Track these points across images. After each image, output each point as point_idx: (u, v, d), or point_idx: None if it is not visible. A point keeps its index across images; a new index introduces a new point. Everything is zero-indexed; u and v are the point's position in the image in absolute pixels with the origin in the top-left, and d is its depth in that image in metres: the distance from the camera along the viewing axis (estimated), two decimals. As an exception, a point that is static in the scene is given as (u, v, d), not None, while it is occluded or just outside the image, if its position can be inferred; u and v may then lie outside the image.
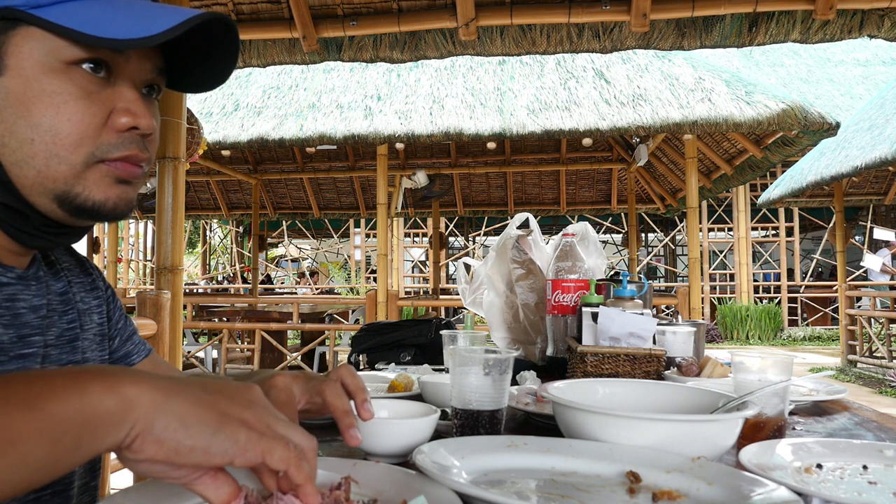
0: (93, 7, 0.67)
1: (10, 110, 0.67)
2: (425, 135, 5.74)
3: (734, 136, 5.93)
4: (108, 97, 0.70)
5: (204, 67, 0.79)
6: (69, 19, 0.65)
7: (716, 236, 14.55)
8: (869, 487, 0.77)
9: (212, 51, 0.77)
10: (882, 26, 2.58)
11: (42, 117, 0.66)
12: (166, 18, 0.65)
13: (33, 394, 0.46)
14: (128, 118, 0.71)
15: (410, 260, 16.11)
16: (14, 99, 0.66)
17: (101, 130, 0.70)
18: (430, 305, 8.50)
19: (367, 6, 2.88)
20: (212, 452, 0.49)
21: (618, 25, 2.77)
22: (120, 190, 0.72)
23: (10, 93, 0.66)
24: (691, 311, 5.65)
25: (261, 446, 0.51)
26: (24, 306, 0.75)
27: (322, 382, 0.75)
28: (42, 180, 0.68)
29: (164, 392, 0.50)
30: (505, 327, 1.88)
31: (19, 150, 0.67)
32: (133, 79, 0.72)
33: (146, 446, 0.49)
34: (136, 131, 0.72)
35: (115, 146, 0.70)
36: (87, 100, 0.68)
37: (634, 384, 1.11)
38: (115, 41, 0.63)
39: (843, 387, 1.44)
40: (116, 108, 0.71)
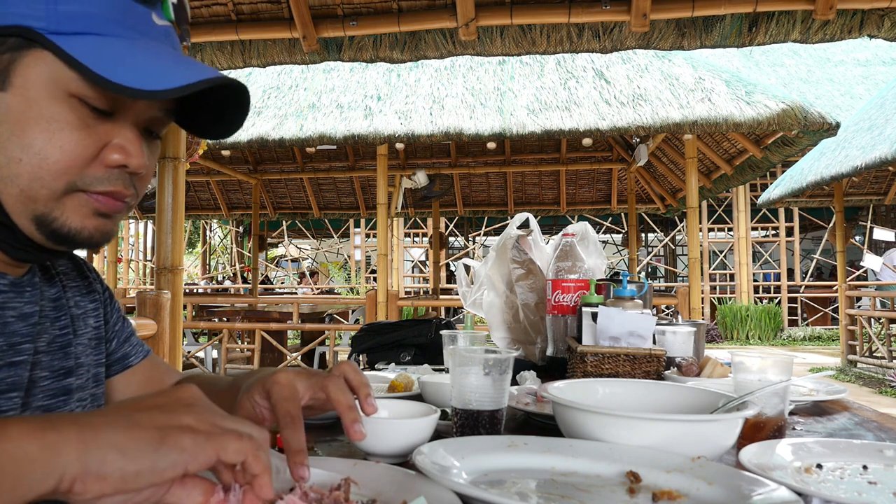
0: (111, 46, 0.67)
1: (6, 126, 0.67)
2: (425, 135, 5.74)
3: (734, 136, 5.93)
4: (106, 131, 0.70)
5: (212, 117, 0.79)
6: (85, 54, 0.65)
7: (716, 236, 14.55)
8: (869, 487, 0.77)
9: (222, 106, 0.77)
10: (882, 26, 2.58)
11: (34, 139, 0.66)
12: (181, 73, 0.65)
13: None
14: (120, 156, 0.71)
15: (410, 260, 16.10)
16: (12, 116, 0.66)
17: (90, 162, 0.69)
18: (430, 305, 8.50)
19: (367, 6, 2.88)
20: (160, 469, 0.48)
21: (618, 25, 2.76)
22: (98, 221, 0.72)
23: (9, 110, 0.67)
24: (691, 311, 5.65)
25: (211, 446, 0.50)
26: (12, 315, 0.75)
27: (325, 378, 0.75)
28: (24, 199, 0.68)
29: (92, 427, 0.48)
30: (505, 327, 1.88)
31: (6, 167, 0.67)
32: (137, 117, 0.72)
33: (88, 485, 0.47)
34: (126, 169, 0.72)
35: (99, 180, 0.70)
36: (82, 131, 0.68)
37: (634, 384, 1.11)
38: (124, 89, 0.63)
39: (843, 387, 1.44)
40: (111, 144, 0.70)
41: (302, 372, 0.78)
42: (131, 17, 0.70)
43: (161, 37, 0.74)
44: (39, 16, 0.65)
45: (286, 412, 0.68)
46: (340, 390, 0.73)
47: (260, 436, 0.54)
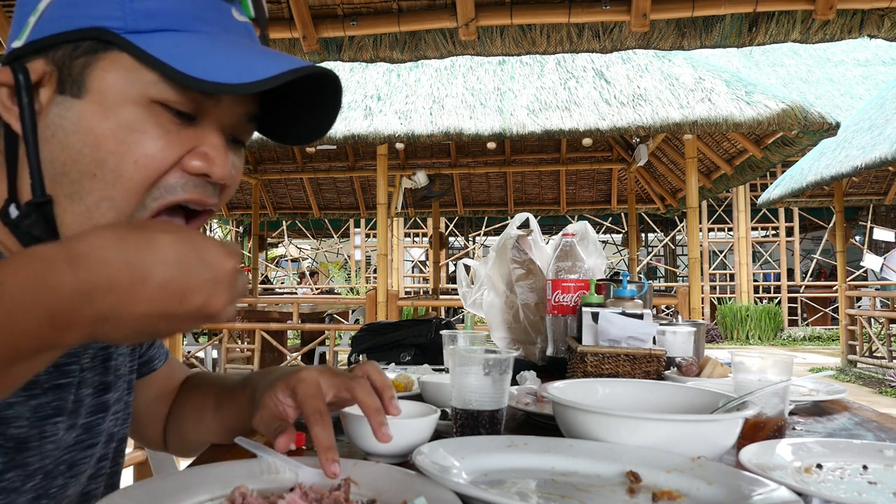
0: (192, 41, 0.62)
1: (78, 137, 0.62)
2: (425, 135, 5.73)
3: (734, 136, 5.93)
4: (189, 137, 0.65)
5: (300, 119, 0.73)
6: (164, 52, 0.60)
7: (716, 236, 14.55)
8: (869, 487, 0.77)
9: (310, 103, 0.71)
10: (882, 26, 2.58)
11: (109, 154, 0.61)
12: (268, 65, 0.60)
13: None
14: (203, 163, 0.65)
15: (410, 260, 16.10)
16: (86, 125, 0.61)
17: (169, 171, 0.64)
18: (430, 305, 8.50)
19: (367, 6, 2.88)
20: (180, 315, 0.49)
21: (618, 25, 2.76)
22: None
23: (83, 118, 0.62)
24: (691, 311, 5.65)
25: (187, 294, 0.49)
26: None
27: (351, 379, 0.75)
28: (85, 220, 0.63)
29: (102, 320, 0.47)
30: (505, 327, 1.88)
31: (78, 182, 0.62)
32: (221, 122, 0.67)
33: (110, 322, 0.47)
34: (208, 178, 0.66)
35: (176, 187, 0.65)
36: (162, 140, 0.63)
37: (634, 384, 1.11)
38: (208, 83, 0.58)
39: (843, 387, 1.44)
40: (194, 150, 0.65)
41: (325, 370, 0.78)
42: (211, 11, 0.66)
43: (242, 32, 0.69)
44: (115, 15, 0.61)
45: (315, 409, 0.68)
46: (367, 392, 0.73)
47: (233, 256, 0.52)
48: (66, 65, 0.62)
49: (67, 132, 0.62)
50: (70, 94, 0.62)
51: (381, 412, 0.72)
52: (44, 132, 0.63)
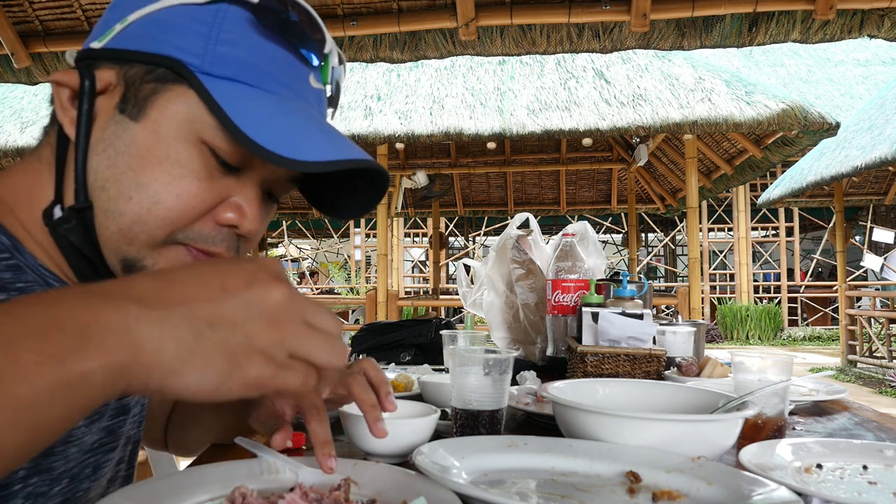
0: (260, 100, 0.62)
1: (126, 159, 0.62)
2: (425, 135, 5.74)
3: (734, 136, 5.93)
4: (227, 187, 0.66)
5: (341, 194, 0.74)
6: (230, 103, 0.60)
7: (716, 236, 14.56)
8: (869, 487, 0.77)
9: (354, 185, 0.72)
10: (882, 26, 2.58)
11: (152, 180, 0.62)
12: (323, 148, 0.60)
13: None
14: (235, 215, 0.66)
15: (410, 260, 16.11)
16: (136, 149, 0.62)
17: (202, 216, 0.65)
18: (430, 305, 8.50)
19: (367, 6, 2.88)
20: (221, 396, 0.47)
21: (618, 25, 2.76)
22: None
23: (135, 142, 0.62)
24: (691, 311, 5.65)
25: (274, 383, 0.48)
26: None
27: (347, 375, 0.75)
28: (119, 239, 0.64)
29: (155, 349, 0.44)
30: (505, 327, 1.88)
31: (113, 202, 0.63)
32: (262, 177, 0.68)
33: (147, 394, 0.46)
34: (236, 230, 0.67)
35: (204, 237, 0.65)
36: (205, 182, 0.64)
37: (634, 384, 1.11)
38: (261, 149, 0.57)
39: (843, 387, 1.44)
40: (229, 201, 0.66)
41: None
42: (289, 74, 0.66)
43: (312, 100, 0.70)
44: (196, 52, 0.62)
45: (311, 405, 0.68)
46: (363, 388, 0.73)
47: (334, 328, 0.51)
48: (135, 84, 0.63)
49: (118, 151, 0.63)
50: (129, 116, 0.63)
51: (376, 408, 0.72)
52: (96, 145, 0.64)
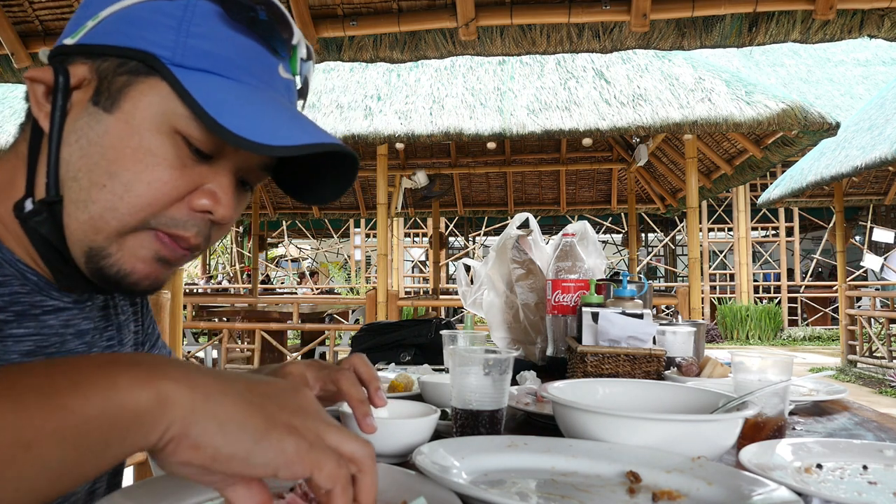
0: (231, 90, 0.64)
1: (98, 149, 0.64)
2: (425, 135, 5.73)
3: (734, 136, 5.93)
4: (201, 174, 0.67)
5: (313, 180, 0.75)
6: (202, 93, 0.62)
7: (716, 236, 14.55)
8: (869, 487, 0.77)
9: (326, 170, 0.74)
10: (882, 26, 2.58)
11: (125, 169, 0.63)
12: (293, 133, 0.62)
13: (54, 388, 0.40)
14: (209, 202, 0.67)
15: (410, 260, 16.10)
16: (109, 140, 0.63)
17: (175, 203, 0.66)
18: (430, 305, 8.50)
19: (367, 6, 2.88)
20: (253, 463, 0.45)
21: (618, 25, 2.76)
22: (154, 268, 0.68)
23: (108, 132, 0.64)
24: (691, 311, 5.65)
25: (309, 459, 0.46)
26: (71, 332, 0.74)
27: (336, 371, 0.76)
28: (87, 228, 0.65)
29: (204, 391, 0.45)
30: (505, 327, 1.88)
31: (85, 191, 0.64)
32: (235, 165, 0.69)
33: (181, 451, 0.44)
34: (209, 216, 0.68)
35: (176, 222, 0.66)
36: (178, 170, 0.65)
37: (634, 384, 1.11)
38: (233, 135, 0.59)
39: (843, 387, 1.44)
40: (203, 188, 0.67)
41: (313, 363, 0.79)
42: (258, 64, 0.68)
43: (282, 89, 0.71)
44: (167, 45, 0.63)
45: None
46: (352, 384, 0.74)
47: (363, 453, 0.49)
48: (108, 77, 0.65)
49: (90, 142, 0.64)
50: (102, 108, 0.64)
51: (365, 403, 0.72)
52: (68, 136, 0.65)
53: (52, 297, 0.72)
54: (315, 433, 0.48)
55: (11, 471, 0.38)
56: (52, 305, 0.71)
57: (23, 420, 0.38)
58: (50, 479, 0.40)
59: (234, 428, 0.44)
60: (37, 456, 0.39)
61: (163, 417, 0.43)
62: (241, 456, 0.44)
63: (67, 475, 0.41)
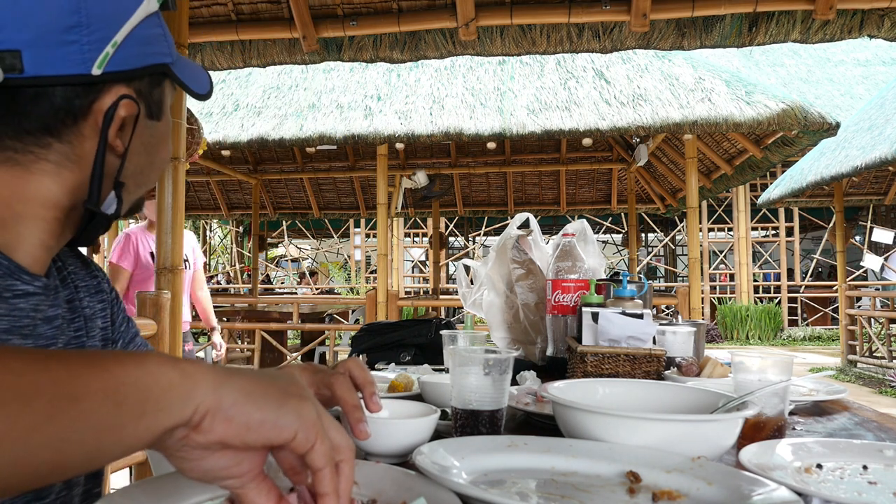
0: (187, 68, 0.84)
1: (154, 148, 0.82)
2: (425, 135, 5.73)
3: (734, 136, 5.93)
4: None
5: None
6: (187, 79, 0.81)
7: (716, 236, 14.55)
8: (869, 487, 0.77)
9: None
10: (882, 26, 2.58)
11: (165, 152, 0.85)
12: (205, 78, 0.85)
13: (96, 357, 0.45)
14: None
15: (410, 260, 16.10)
16: (158, 138, 0.82)
17: None
18: (430, 305, 8.50)
19: (367, 6, 2.88)
20: (280, 425, 0.49)
21: (618, 25, 2.76)
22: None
23: (156, 132, 0.82)
24: (691, 311, 5.65)
25: (317, 428, 0.51)
26: (41, 317, 0.76)
27: (331, 375, 0.75)
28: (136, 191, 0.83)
29: (223, 372, 0.50)
30: (505, 327, 1.88)
31: (143, 174, 0.82)
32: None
33: (216, 424, 0.47)
34: None
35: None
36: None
37: (634, 384, 1.11)
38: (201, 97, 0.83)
39: (843, 387, 1.44)
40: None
41: (307, 367, 0.79)
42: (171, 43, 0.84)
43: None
44: (168, 52, 0.79)
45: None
46: (347, 388, 0.74)
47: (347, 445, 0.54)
48: (148, 94, 0.79)
49: (149, 146, 0.82)
50: (154, 119, 0.81)
51: (358, 409, 0.72)
52: (135, 147, 0.79)
53: (23, 282, 0.73)
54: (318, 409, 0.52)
55: (61, 421, 0.41)
56: (22, 290, 0.73)
57: (72, 376, 0.43)
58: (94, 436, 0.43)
59: (258, 396, 0.49)
60: (83, 410, 0.42)
61: (194, 392, 0.47)
62: (270, 420, 0.49)
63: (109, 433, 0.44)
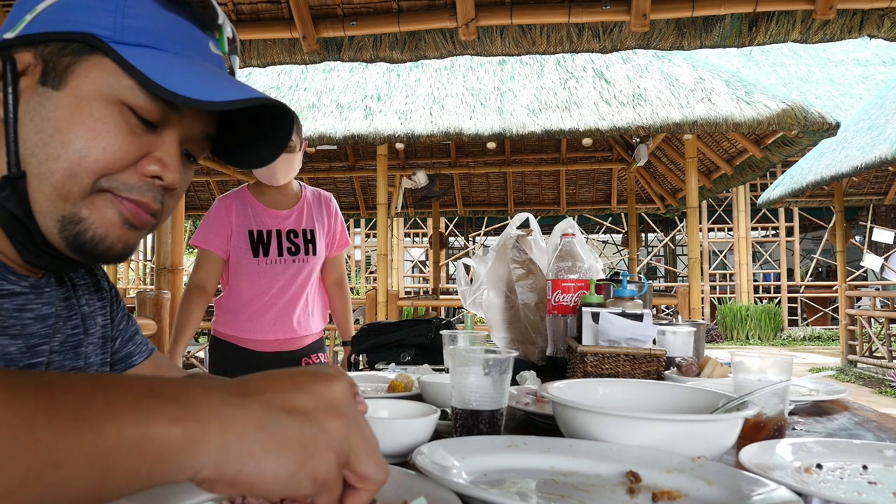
0: (170, 60, 0.69)
1: (51, 123, 0.68)
2: (425, 135, 5.74)
3: (734, 136, 5.93)
4: (149, 142, 0.71)
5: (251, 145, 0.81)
6: (143, 63, 0.67)
7: (716, 236, 14.55)
8: (869, 487, 0.77)
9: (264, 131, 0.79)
10: (882, 26, 2.58)
11: (77, 138, 0.67)
12: (232, 91, 0.68)
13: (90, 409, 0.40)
14: (157, 167, 0.72)
15: (410, 260, 16.10)
16: (60, 114, 0.68)
17: (127, 168, 0.70)
18: (430, 305, 8.50)
19: (367, 6, 2.88)
20: (288, 491, 0.46)
21: (618, 25, 2.76)
22: (123, 231, 0.72)
23: (58, 107, 0.68)
24: (691, 311, 5.65)
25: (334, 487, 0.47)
26: (30, 316, 0.75)
27: None
28: (54, 198, 0.68)
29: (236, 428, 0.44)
30: (505, 327, 1.88)
31: (44, 164, 0.68)
32: (180, 135, 0.74)
33: (217, 488, 0.44)
34: (159, 182, 0.72)
35: (130, 187, 0.71)
36: (128, 136, 0.69)
37: (634, 384, 1.11)
38: (178, 96, 0.65)
39: (843, 387, 1.44)
40: (151, 155, 0.72)
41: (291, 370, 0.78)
42: (190, 39, 0.73)
43: (215, 62, 0.76)
44: (106, 25, 0.68)
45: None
46: None
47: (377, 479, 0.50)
48: (53, 60, 0.69)
49: (43, 118, 0.68)
50: (51, 86, 0.68)
51: None
52: (23, 117, 0.69)
53: (8, 282, 0.73)
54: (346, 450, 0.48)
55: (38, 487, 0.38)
56: (7, 290, 0.73)
57: (57, 439, 0.39)
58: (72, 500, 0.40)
59: (271, 464, 0.45)
60: (64, 476, 0.39)
61: (194, 460, 0.43)
62: (277, 488, 0.45)
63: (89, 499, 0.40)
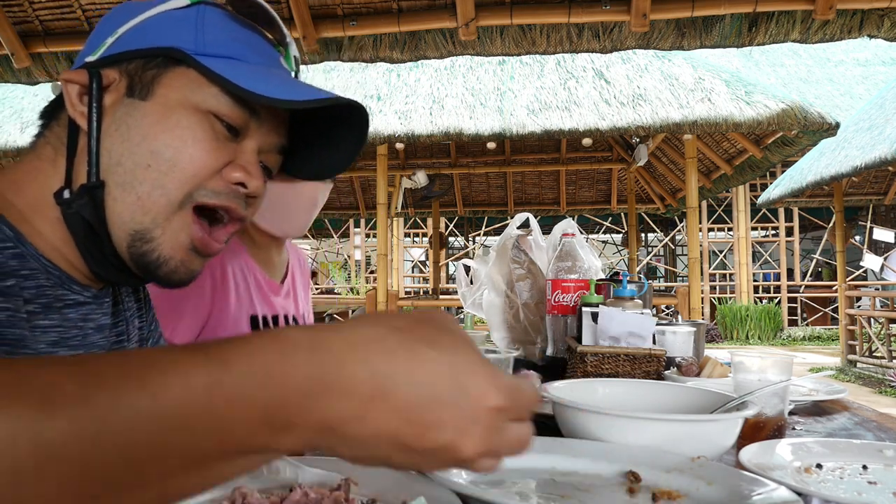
0: (250, 67, 0.72)
1: (139, 132, 0.69)
2: (425, 135, 5.74)
3: (734, 136, 5.93)
4: (232, 150, 0.73)
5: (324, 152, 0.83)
6: (226, 71, 0.69)
7: (716, 236, 14.55)
8: (869, 487, 0.77)
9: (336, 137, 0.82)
10: (882, 26, 2.58)
11: (166, 147, 0.68)
12: (311, 92, 0.70)
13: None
14: (241, 174, 0.73)
15: (410, 260, 16.10)
16: (148, 122, 0.69)
17: (213, 176, 0.72)
18: (430, 305, 8.50)
19: (367, 6, 2.88)
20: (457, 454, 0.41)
21: (618, 25, 2.76)
22: (189, 257, 0.72)
23: (146, 115, 0.69)
24: (691, 311, 5.65)
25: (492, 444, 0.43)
26: (91, 326, 0.76)
27: None
28: (135, 209, 0.69)
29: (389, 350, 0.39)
30: (505, 327, 1.88)
31: (131, 172, 0.68)
32: (258, 144, 0.76)
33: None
34: (243, 189, 0.74)
35: (218, 193, 0.72)
36: (213, 143, 0.71)
37: (634, 384, 1.11)
38: (263, 97, 0.67)
39: (842, 387, 1.44)
40: (234, 163, 0.73)
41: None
42: (265, 51, 0.77)
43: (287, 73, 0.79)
44: (188, 39, 0.71)
45: None
46: None
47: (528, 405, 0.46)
48: (138, 74, 0.71)
49: (130, 127, 0.69)
50: (138, 97, 0.70)
51: None
52: (108, 128, 0.70)
53: (73, 292, 0.74)
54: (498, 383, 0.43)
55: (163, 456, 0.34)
56: (73, 300, 0.73)
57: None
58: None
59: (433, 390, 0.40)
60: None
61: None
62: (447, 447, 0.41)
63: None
